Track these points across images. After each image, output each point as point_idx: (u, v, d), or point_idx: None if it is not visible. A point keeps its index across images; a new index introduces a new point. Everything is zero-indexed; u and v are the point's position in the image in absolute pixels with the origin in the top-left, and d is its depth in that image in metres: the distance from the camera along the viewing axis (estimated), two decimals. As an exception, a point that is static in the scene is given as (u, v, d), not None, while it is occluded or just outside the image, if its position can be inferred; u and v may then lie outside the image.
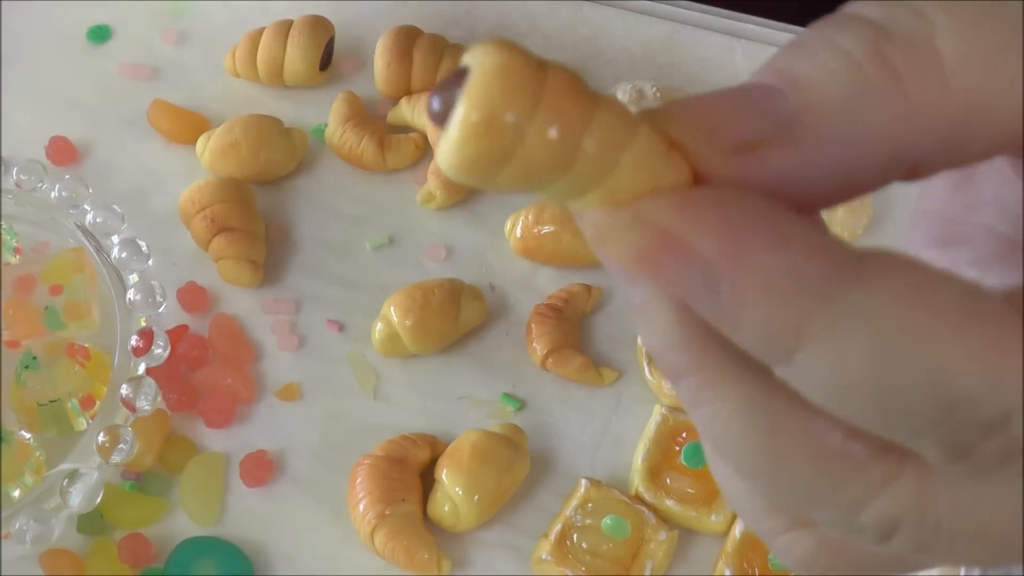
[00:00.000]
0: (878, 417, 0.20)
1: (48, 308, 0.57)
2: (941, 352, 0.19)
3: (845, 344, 0.19)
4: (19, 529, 0.53)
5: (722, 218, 0.19)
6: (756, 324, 0.19)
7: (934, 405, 0.19)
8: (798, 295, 0.19)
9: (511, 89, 0.19)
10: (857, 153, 0.20)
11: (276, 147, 0.64)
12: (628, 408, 0.60)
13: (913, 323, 0.19)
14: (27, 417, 0.56)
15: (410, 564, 0.55)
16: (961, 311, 0.19)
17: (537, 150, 0.20)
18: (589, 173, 0.20)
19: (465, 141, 0.20)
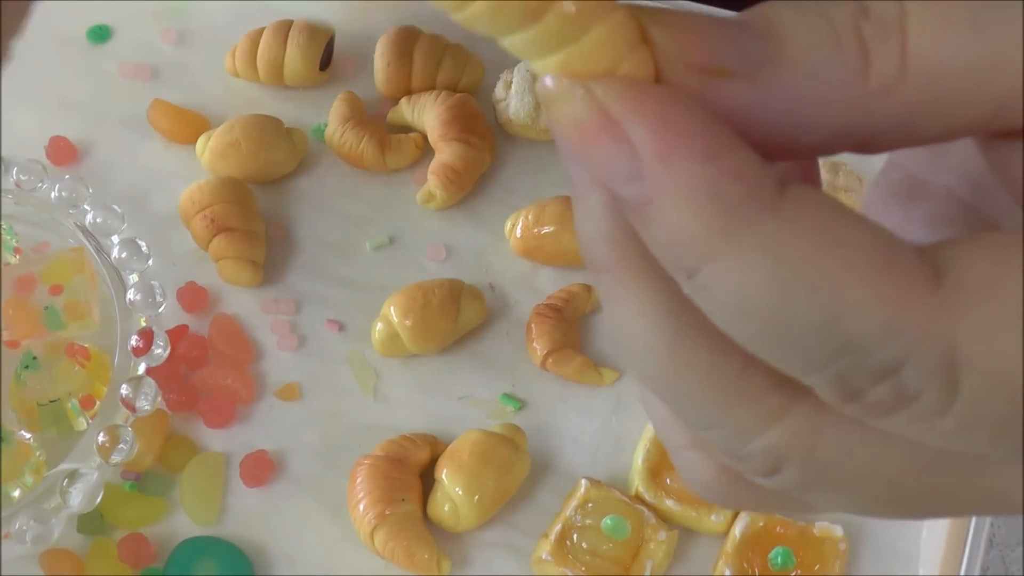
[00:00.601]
0: (772, 348, 0.20)
1: (48, 308, 0.57)
2: (841, 294, 0.19)
3: (748, 269, 0.19)
4: (19, 529, 0.53)
5: (663, 115, 0.20)
6: (665, 228, 0.20)
7: (827, 344, 0.20)
8: (711, 210, 0.19)
9: None
10: (808, 116, 0.21)
11: (276, 147, 0.64)
12: (628, 408, 0.60)
13: (818, 260, 0.19)
14: (27, 417, 0.56)
15: (410, 564, 0.55)
16: (868, 257, 0.19)
17: (556, 17, 0.20)
18: (556, 32, 0.20)
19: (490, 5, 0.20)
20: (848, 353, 0.20)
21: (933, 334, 0.19)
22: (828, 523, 0.56)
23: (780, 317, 0.20)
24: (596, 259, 0.22)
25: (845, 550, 0.55)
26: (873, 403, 0.20)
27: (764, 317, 0.20)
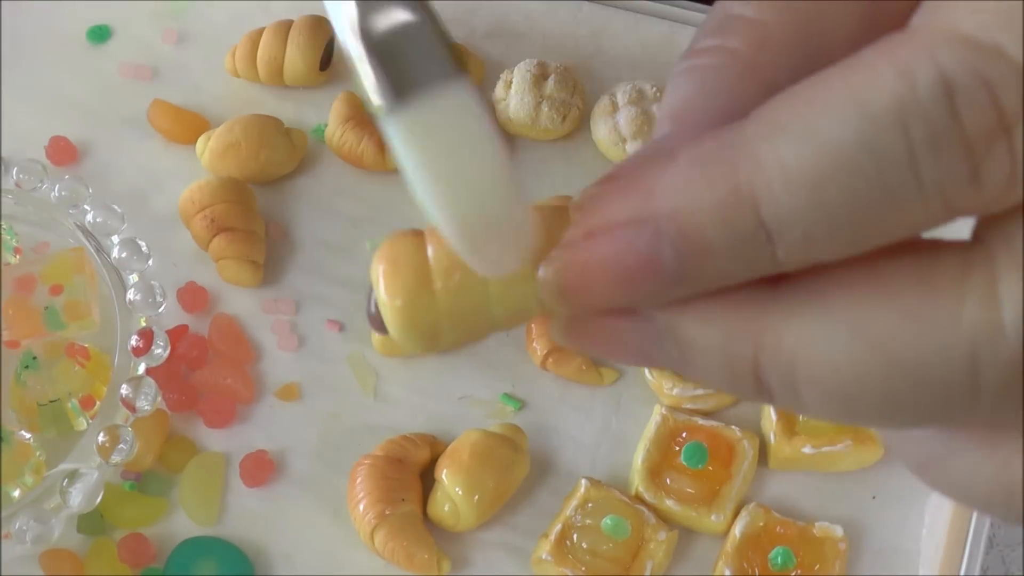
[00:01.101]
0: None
1: (48, 308, 0.57)
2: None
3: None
4: (19, 529, 0.53)
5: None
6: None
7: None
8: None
9: (404, 271, 0.24)
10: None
11: (276, 147, 0.64)
12: (628, 408, 0.60)
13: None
14: (27, 417, 0.56)
15: (410, 564, 0.55)
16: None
17: (451, 301, 0.24)
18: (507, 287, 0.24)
19: (399, 323, 0.24)
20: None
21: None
22: (828, 523, 0.56)
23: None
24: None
25: (845, 550, 0.55)
26: None
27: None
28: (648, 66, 0.68)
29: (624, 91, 0.64)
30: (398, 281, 0.24)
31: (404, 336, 0.24)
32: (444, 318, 0.24)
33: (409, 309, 0.24)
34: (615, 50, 0.69)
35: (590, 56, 0.68)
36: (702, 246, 0.21)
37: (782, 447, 0.57)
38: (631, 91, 0.64)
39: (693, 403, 0.59)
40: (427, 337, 0.24)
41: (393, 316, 0.24)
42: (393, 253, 0.24)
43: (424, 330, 0.24)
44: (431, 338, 0.24)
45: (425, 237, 0.24)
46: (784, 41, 0.23)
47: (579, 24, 0.69)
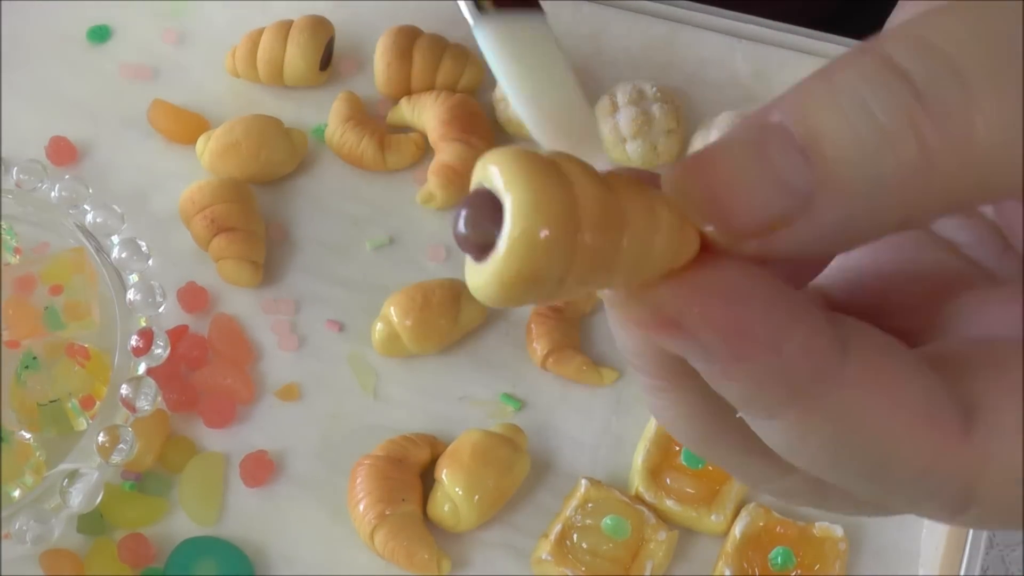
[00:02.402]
0: (820, 473, 0.22)
1: (48, 308, 0.57)
2: (890, 448, 0.21)
3: (812, 431, 0.21)
4: (19, 529, 0.53)
5: (726, 315, 0.21)
6: (738, 397, 0.21)
7: (871, 480, 0.22)
8: (782, 392, 0.21)
9: (552, 209, 0.19)
10: (869, 225, 0.21)
11: (276, 147, 0.64)
12: (628, 408, 0.60)
13: (874, 422, 0.21)
14: (27, 417, 0.56)
15: (410, 564, 0.55)
16: (914, 413, 0.21)
17: (584, 261, 0.20)
18: (625, 269, 0.20)
19: (514, 269, 0.19)
20: (886, 487, 0.22)
21: (959, 476, 0.21)
22: (828, 523, 0.56)
23: (835, 463, 0.22)
24: (637, 365, 0.23)
25: (845, 550, 0.55)
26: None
27: (819, 464, 0.22)
28: (648, 66, 0.68)
29: (624, 91, 0.64)
30: (548, 210, 0.19)
31: (513, 273, 0.20)
32: (567, 271, 0.20)
33: (547, 246, 0.19)
34: (615, 50, 0.69)
35: (590, 56, 0.68)
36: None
37: (782, 447, 0.57)
38: (631, 91, 0.64)
39: (693, 403, 0.58)
40: (531, 283, 0.20)
41: (523, 248, 0.19)
42: (539, 172, 0.19)
43: (539, 276, 0.19)
44: (533, 286, 0.20)
45: (559, 163, 0.20)
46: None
47: (579, 24, 0.69)
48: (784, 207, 0.20)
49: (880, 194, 0.20)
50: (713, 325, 0.20)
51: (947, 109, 0.19)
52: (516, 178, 0.19)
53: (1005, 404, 0.21)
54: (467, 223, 0.20)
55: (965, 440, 0.21)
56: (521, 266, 0.19)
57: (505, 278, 0.19)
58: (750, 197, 0.20)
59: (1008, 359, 0.22)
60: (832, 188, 0.20)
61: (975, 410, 0.21)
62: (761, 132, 0.20)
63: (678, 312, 0.21)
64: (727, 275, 0.21)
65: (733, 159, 0.20)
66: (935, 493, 0.21)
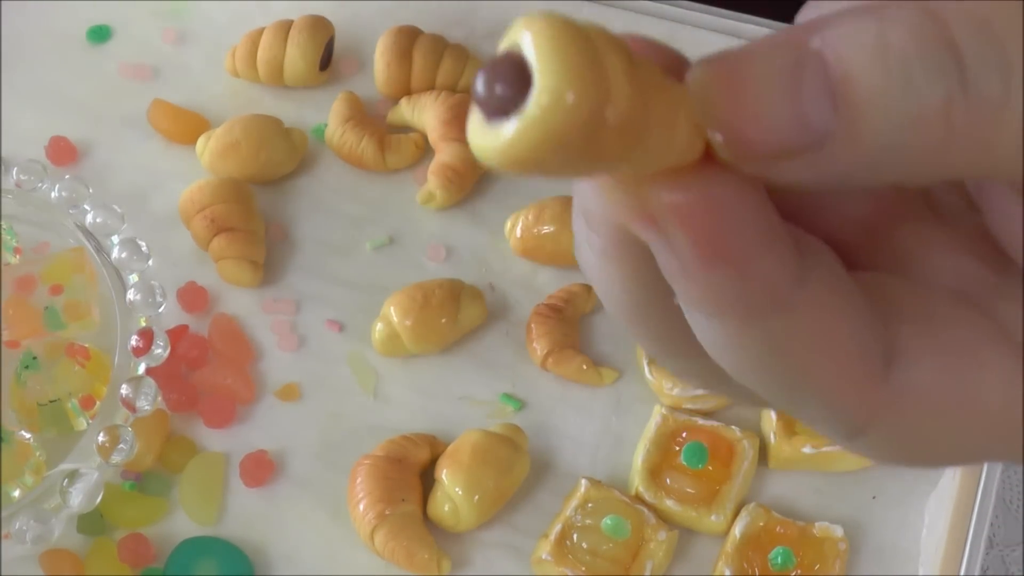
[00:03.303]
0: (741, 379, 0.23)
1: (48, 308, 0.57)
2: (812, 383, 0.22)
3: (747, 349, 0.22)
4: (19, 529, 0.53)
5: (704, 225, 0.21)
6: (685, 295, 0.22)
7: (788, 400, 0.23)
8: (734, 310, 0.21)
9: (583, 78, 0.18)
10: (869, 179, 0.21)
11: (276, 147, 0.64)
12: (628, 408, 0.60)
13: (806, 358, 0.22)
14: (27, 417, 0.56)
15: (410, 564, 0.55)
16: (843, 358, 0.22)
17: (602, 140, 0.19)
18: (634, 157, 0.20)
19: (534, 133, 0.18)
20: (793, 403, 0.23)
21: (862, 413, 0.23)
22: (828, 523, 0.56)
23: (756, 372, 0.23)
24: (593, 228, 0.23)
25: (845, 550, 0.55)
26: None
27: (740, 368, 0.23)
28: (648, 66, 0.68)
29: None
30: (579, 78, 0.18)
31: (533, 137, 0.19)
32: (584, 147, 0.19)
33: (573, 114, 0.18)
34: (615, 50, 0.69)
35: (590, 56, 0.68)
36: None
37: (782, 447, 0.57)
38: None
39: (693, 403, 0.59)
40: (547, 151, 0.19)
41: (549, 111, 0.18)
42: (574, 40, 0.19)
43: (557, 144, 0.18)
44: (547, 154, 0.19)
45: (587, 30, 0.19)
46: None
47: (579, 24, 0.69)
48: (798, 142, 0.20)
49: (891, 158, 0.20)
50: (689, 230, 0.21)
51: (985, 100, 0.19)
52: (550, 41, 0.19)
53: (926, 362, 0.22)
54: (492, 80, 0.19)
55: (878, 384, 0.22)
56: (542, 130, 0.18)
57: (523, 141, 0.19)
58: (769, 122, 0.20)
59: (941, 320, 0.23)
60: (848, 139, 0.20)
61: (897, 358, 0.22)
62: (797, 57, 0.20)
63: (660, 210, 0.21)
64: (718, 186, 0.21)
65: (763, 77, 0.20)
66: (836, 420, 0.23)
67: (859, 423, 0.23)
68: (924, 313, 0.23)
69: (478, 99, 0.19)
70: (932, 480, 0.58)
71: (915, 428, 0.23)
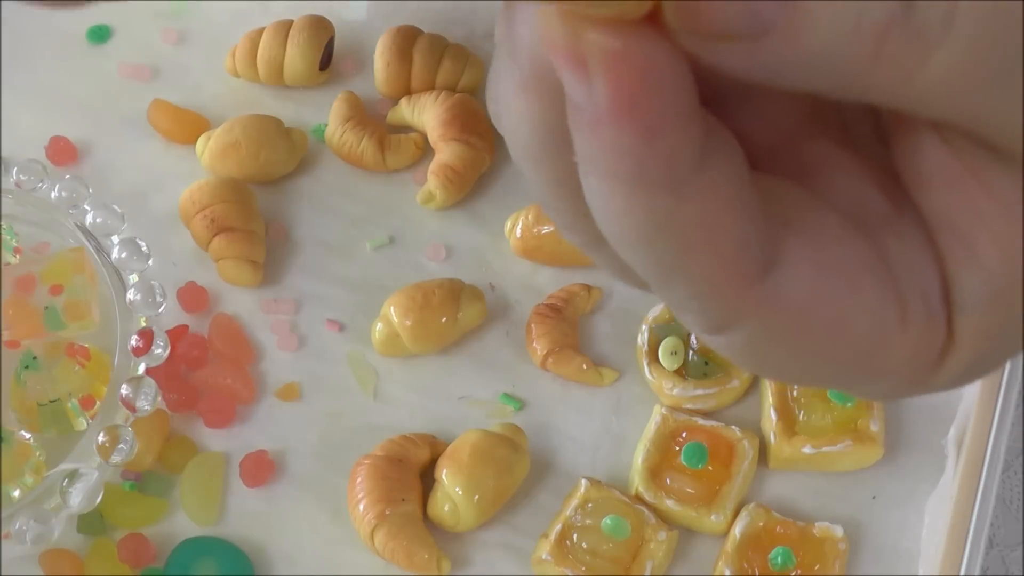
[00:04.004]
0: (622, 254, 0.23)
1: (48, 308, 0.57)
2: (688, 271, 0.22)
3: (627, 215, 0.22)
4: (19, 529, 0.53)
5: (628, 81, 0.21)
6: (586, 152, 0.22)
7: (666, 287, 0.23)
8: (629, 177, 0.21)
9: None
10: (798, 80, 0.21)
11: (276, 147, 0.64)
12: (628, 408, 0.60)
13: (686, 243, 0.22)
14: (27, 417, 0.56)
15: (410, 564, 0.55)
16: (723, 251, 0.22)
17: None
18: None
19: None
20: (667, 285, 0.23)
21: (728, 309, 0.23)
22: (828, 523, 0.56)
23: (635, 245, 0.22)
24: (514, 56, 0.23)
25: (845, 550, 0.55)
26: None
27: (620, 238, 0.22)
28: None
29: None
30: None
31: None
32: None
33: None
34: (615, 50, 0.69)
35: (590, 56, 0.68)
36: None
37: (782, 447, 0.57)
38: None
39: (693, 403, 0.59)
40: None
41: None
42: None
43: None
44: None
45: None
46: None
47: (579, 24, 0.69)
48: (742, 27, 0.20)
49: (822, 64, 0.21)
50: (612, 78, 0.21)
51: (922, 34, 0.20)
52: None
53: (805, 274, 0.23)
54: None
55: (752, 284, 0.22)
56: None
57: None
58: (720, 5, 0.20)
59: (830, 237, 0.23)
60: (789, 35, 0.20)
61: (777, 265, 0.22)
62: None
63: (592, 50, 0.21)
64: (655, 47, 0.21)
65: None
66: (702, 310, 0.23)
67: (725, 318, 0.23)
68: (815, 227, 0.23)
69: None
70: (932, 480, 0.58)
71: (777, 335, 0.23)
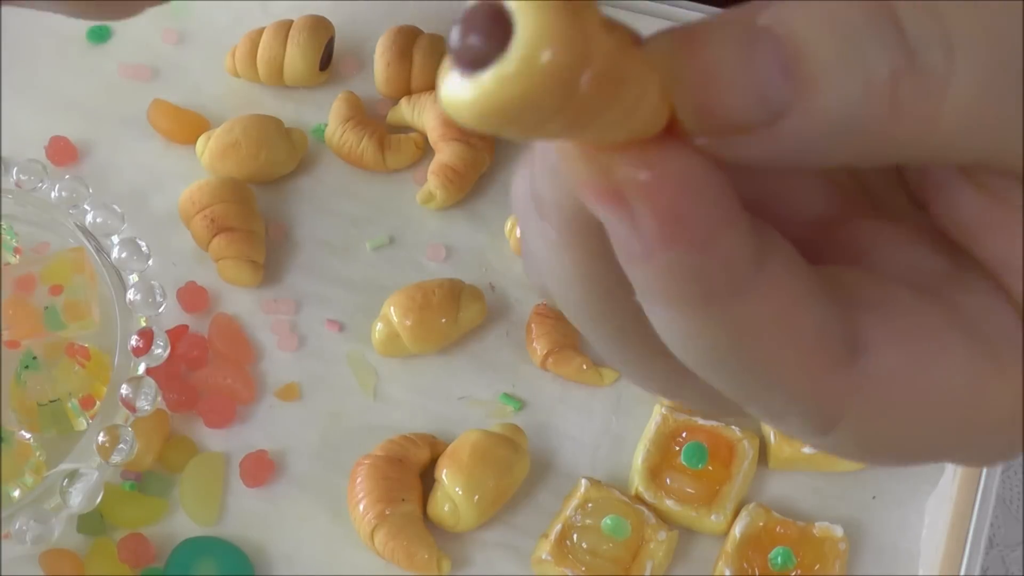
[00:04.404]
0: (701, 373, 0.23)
1: (48, 308, 0.57)
2: (773, 372, 0.22)
3: (702, 334, 0.22)
4: (19, 529, 0.53)
5: (669, 202, 0.20)
6: (645, 282, 0.21)
7: (746, 393, 0.23)
8: (693, 290, 0.21)
9: (565, 37, 0.18)
10: (824, 155, 0.21)
11: (276, 147, 0.64)
12: (628, 408, 0.60)
13: (764, 345, 0.22)
14: (27, 417, 0.56)
15: (410, 564, 0.55)
16: (804, 346, 0.22)
17: (576, 104, 0.19)
18: (603, 125, 0.19)
19: (509, 89, 0.18)
20: (758, 398, 0.23)
21: (831, 402, 0.22)
22: (828, 523, 0.56)
23: (716, 364, 0.22)
24: (545, 216, 0.23)
25: (845, 550, 0.55)
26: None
27: (700, 360, 0.22)
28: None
29: None
30: (561, 37, 0.18)
31: (506, 94, 0.18)
32: (557, 109, 0.18)
33: (550, 74, 0.18)
34: (615, 50, 0.69)
35: (590, 56, 0.68)
36: None
37: (782, 447, 0.57)
38: None
39: (693, 403, 0.58)
40: (519, 109, 0.18)
41: (527, 68, 0.18)
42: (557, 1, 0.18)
43: (530, 103, 0.18)
44: (518, 113, 0.18)
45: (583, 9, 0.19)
46: None
47: (579, 24, 0.69)
48: (755, 116, 0.20)
49: (843, 133, 0.20)
50: (655, 205, 0.20)
51: (929, 74, 0.20)
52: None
53: (891, 348, 0.22)
54: (468, 31, 0.18)
55: (844, 371, 0.22)
56: (519, 84, 0.18)
57: (498, 95, 0.18)
58: (728, 96, 0.20)
59: (902, 307, 0.23)
60: (802, 113, 0.20)
61: (861, 346, 0.22)
62: (749, 32, 0.20)
63: (626, 183, 0.20)
64: (685, 161, 0.21)
65: (719, 50, 0.20)
66: (804, 412, 0.22)
67: (827, 413, 0.22)
68: (885, 301, 0.23)
69: (452, 50, 0.19)
70: (932, 480, 0.58)
71: (882, 417, 0.22)
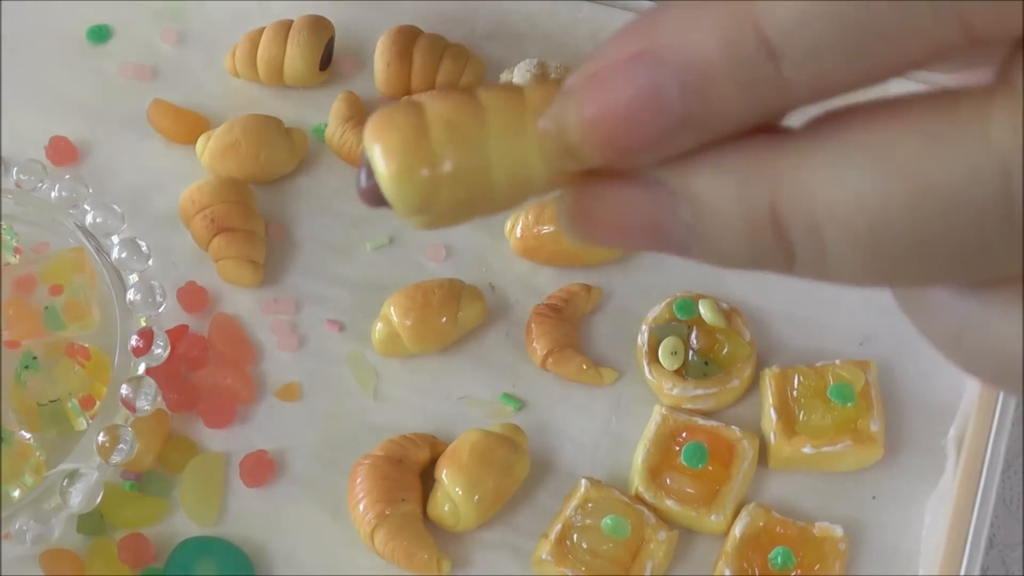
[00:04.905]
0: None
1: (48, 308, 0.57)
2: None
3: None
4: (19, 529, 0.53)
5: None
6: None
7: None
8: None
9: (398, 149, 0.23)
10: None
11: (276, 147, 0.64)
12: (628, 408, 0.60)
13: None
14: (27, 417, 0.56)
15: (410, 564, 0.55)
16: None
17: (457, 180, 0.23)
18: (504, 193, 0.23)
19: (399, 205, 0.23)
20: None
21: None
22: (828, 523, 0.56)
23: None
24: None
25: (845, 550, 0.55)
26: None
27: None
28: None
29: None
30: (395, 150, 0.23)
31: (402, 208, 0.23)
32: (441, 177, 0.23)
33: (406, 161, 0.23)
34: (615, 50, 0.68)
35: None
36: (704, 71, 0.21)
37: (782, 447, 0.57)
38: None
39: (693, 403, 0.59)
40: (422, 196, 0.23)
41: (390, 188, 0.23)
42: (388, 114, 0.23)
43: (420, 187, 0.23)
44: (427, 198, 0.23)
45: (419, 102, 0.23)
46: None
47: (579, 24, 0.69)
48: (664, 245, 0.23)
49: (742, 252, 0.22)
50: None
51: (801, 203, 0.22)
52: (373, 135, 0.23)
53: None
54: (359, 176, 0.24)
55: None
56: (399, 201, 0.23)
57: (400, 212, 0.23)
58: (640, 240, 0.23)
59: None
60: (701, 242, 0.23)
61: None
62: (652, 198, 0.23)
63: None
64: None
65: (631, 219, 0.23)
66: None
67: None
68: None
69: (360, 198, 0.24)
70: (932, 480, 0.58)
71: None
